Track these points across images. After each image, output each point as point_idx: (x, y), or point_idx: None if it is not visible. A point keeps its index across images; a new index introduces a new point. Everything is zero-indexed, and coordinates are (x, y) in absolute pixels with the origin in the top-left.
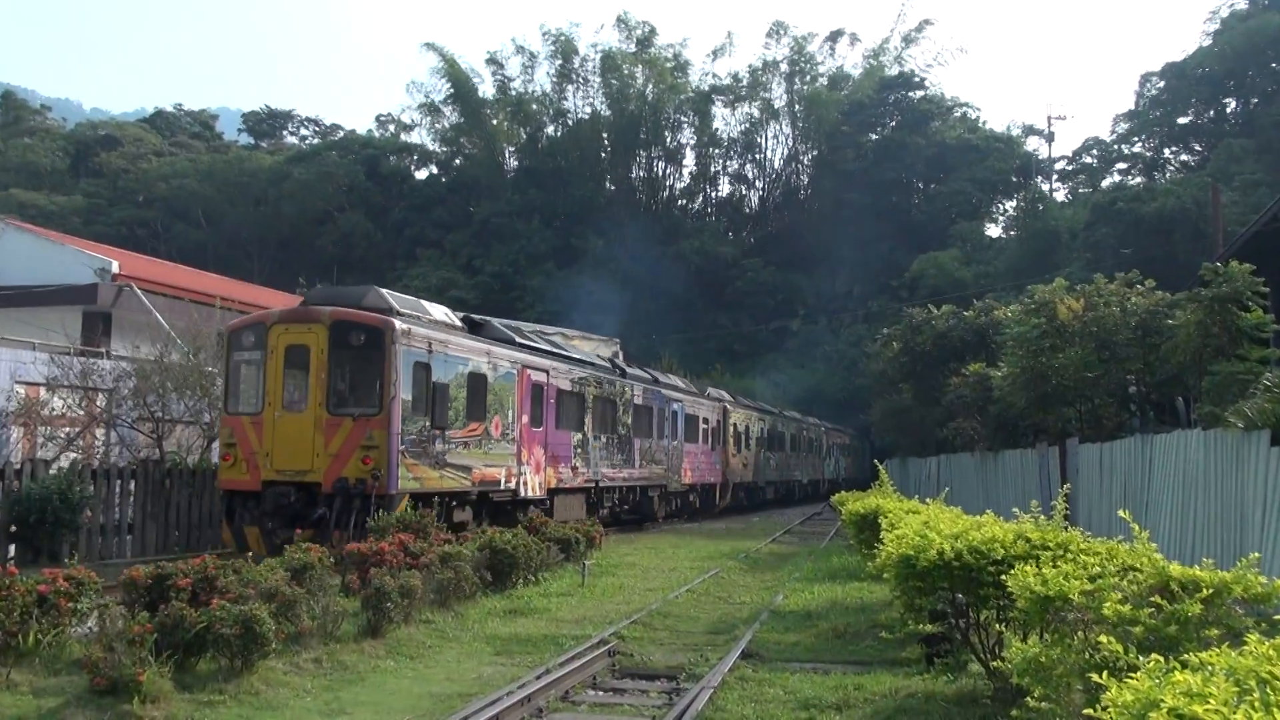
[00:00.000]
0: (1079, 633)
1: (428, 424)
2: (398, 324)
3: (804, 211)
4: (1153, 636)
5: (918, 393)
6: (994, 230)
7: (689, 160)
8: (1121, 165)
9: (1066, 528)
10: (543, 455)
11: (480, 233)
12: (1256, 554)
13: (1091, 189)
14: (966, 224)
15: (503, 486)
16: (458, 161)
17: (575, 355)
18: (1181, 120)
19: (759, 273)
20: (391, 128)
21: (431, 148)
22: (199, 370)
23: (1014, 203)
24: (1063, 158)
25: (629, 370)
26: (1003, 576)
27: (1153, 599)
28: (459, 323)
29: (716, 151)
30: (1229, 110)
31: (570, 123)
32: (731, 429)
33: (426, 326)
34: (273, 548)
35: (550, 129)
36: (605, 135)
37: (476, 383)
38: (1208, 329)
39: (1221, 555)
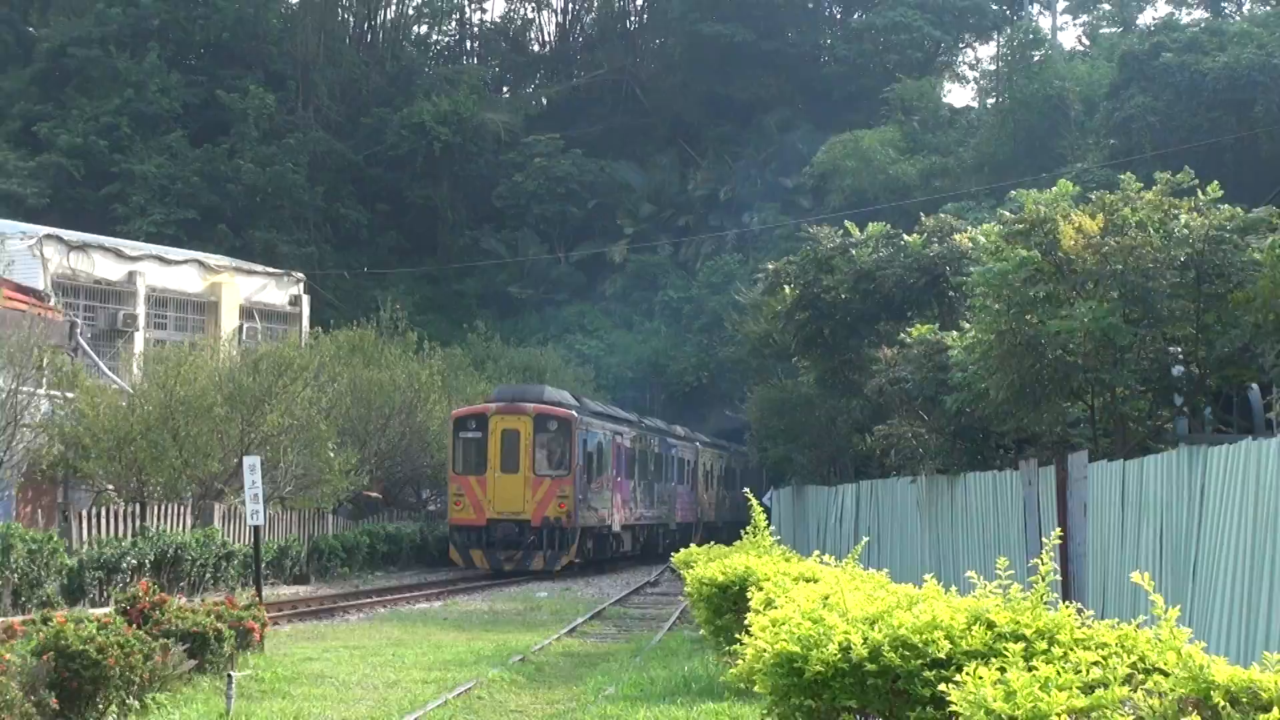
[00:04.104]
0: None
1: (586, 479)
2: (576, 415)
3: (635, 54)
4: None
5: (824, 374)
6: (959, 96)
7: None
8: None
9: (1057, 603)
10: (620, 499)
11: (49, 76)
12: None
13: (1120, 28)
14: (912, 84)
15: (607, 522)
16: None
17: (625, 416)
18: None
19: (555, 160)
20: None
21: None
22: None
23: (993, 50)
24: None
25: (645, 421)
26: (943, 686)
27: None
28: (578, 401)
29: None
30: None
31: None
32: (701, 468)
33: (583, 414)
34: (494, 561)
35: None
36: None
37: (600, 448)
38: None
39: None
